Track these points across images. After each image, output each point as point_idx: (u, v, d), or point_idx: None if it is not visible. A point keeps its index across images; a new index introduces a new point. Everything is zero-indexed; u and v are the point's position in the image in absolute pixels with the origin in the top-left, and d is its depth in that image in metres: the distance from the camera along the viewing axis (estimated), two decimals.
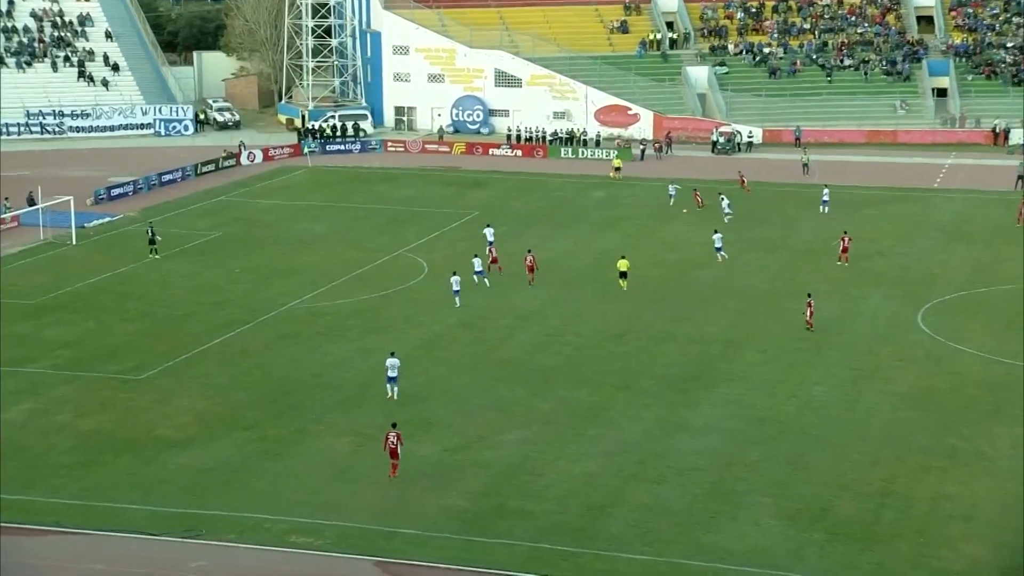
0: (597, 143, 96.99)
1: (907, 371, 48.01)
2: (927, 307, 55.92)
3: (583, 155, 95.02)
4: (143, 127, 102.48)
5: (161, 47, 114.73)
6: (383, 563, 33.96)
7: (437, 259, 64.14)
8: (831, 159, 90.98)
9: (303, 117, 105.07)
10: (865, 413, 44.01)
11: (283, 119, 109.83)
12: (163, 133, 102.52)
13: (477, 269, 59.35)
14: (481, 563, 33.62)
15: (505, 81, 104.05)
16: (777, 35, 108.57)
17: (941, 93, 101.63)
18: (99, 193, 79.55)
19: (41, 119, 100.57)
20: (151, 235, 66.03)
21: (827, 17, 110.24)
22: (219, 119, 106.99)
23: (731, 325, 53.79)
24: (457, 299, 56.08)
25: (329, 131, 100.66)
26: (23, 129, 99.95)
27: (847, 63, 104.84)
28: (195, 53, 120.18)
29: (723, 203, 72.46)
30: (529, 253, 60.74)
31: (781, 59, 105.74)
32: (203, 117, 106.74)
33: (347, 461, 40.08)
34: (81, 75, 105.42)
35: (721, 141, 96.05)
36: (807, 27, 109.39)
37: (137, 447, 41.14)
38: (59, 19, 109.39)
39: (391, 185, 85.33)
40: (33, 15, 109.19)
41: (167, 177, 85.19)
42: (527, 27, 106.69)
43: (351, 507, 36.85)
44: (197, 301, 57.81)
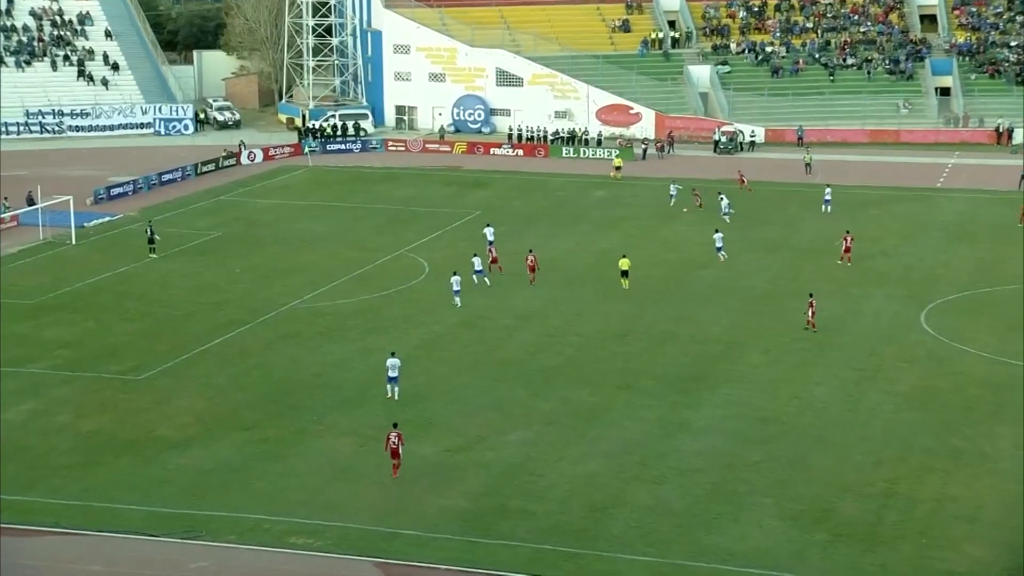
0: (599, 142, 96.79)
1: (910, 371, 47.88)
2: (930, 307, 55.77)
3: (584, 155, 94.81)
4: (143, 126, 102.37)
5: (161, 46, 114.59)
6: (384, 564, 33.88)
7: (438, 259, 63.99)
8: (834, 159, 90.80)
9: (303, 116, 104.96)
10: (867, 414, 43.88)
11: (283, 118, 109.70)
12: (163, 132, 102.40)
13: (477, 268, 59.20)
14: (482, 564, 33.53)
15: (506, 80, 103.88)
16: (779, 34, 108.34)
17: (944, 92, 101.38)
18: (99, 193, 79.44)
19: (40, 118, 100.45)
20: (150, 234, 65.94)
21: (830, 16, 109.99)
22: (219, 118, 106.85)
23: (733, 325, 53.64)
24: (457, 299, 55.93)
25: (330, 130, 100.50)
26: (22, 128, 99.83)
27: (850, 62, 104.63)
28: (195, 52, 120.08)
29: (722, 202, 72.33)
30: (530, 253, 60.58)
31: (783, 58, 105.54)
32: (203, 116, 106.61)
33: (348, 462, 39.99)
34: (81, 74, 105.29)
35: (723, 141, 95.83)
36: (810, 26, 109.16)
37: (137, 448, 41.07)
38: (59, 18, 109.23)
39: (392, 185, 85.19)
40: (32, 14, 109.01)
41: (167, 177, 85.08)
42: (528, 26, 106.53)
43: (352, 508, 36.77)
44: (197, 301, 57.69)
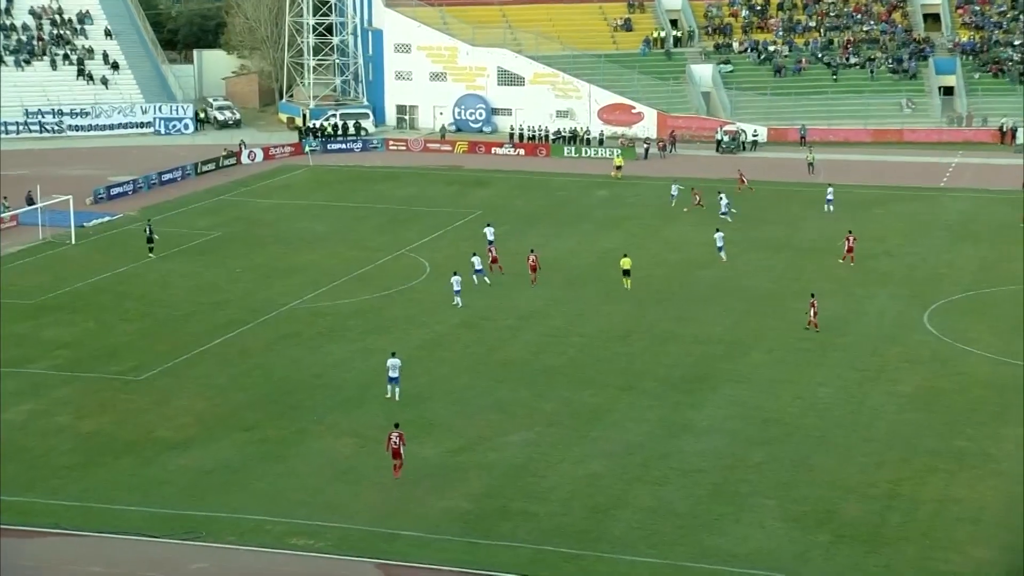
0: (600, 142, 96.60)
1: (913, 372, 47.69)
2: (933, 307, 55.58)
3: (586, 154, 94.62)
4: (143, 126, 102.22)
5: (161, 45, 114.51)
6: (384, 565, 33.75)
7: (439, 259, 63.81)
8: (836, 158, 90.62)
9: (304, 116, 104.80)
10: (870, 414, 43.70)
11: (284, 118, 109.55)
12: (163, 132, 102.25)
13: (477, 268, 59.01)
14: (484, 565, 33.39)
15: (508, 79, 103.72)
16: (782, 33, 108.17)
17: (948, 91, 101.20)
18: (98, 192, 79.27)
19: (40, 118, 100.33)
20: (149, 233, 65.76)
21: (833, 15, 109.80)
22: (219, 118, 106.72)
23: (735, 325, 53.46)
24: (458, 299, 55.73)
25: (330, 130, 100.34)
26: (22, 128, 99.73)
27: (853, 61, 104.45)
28: (195, 51, 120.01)
29: (721, 202, 72.12)
30: (532, 253, 60.38)
31: (786, 57, 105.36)
32: (203, 116, 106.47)
33: (348, 462, 39.84)
34: (80, 73, 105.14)
35: (725, 140, 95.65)
36: (812, 25, 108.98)
37: (137, 448, 40.93)
38: (58, 17, 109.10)
39: (393, 184, 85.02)
40: (32, 12, 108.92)
41: (167, 176, 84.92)
42: (530, 25, 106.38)
43: (352, 509, 36.63)
44: (197, 301, 57.53)
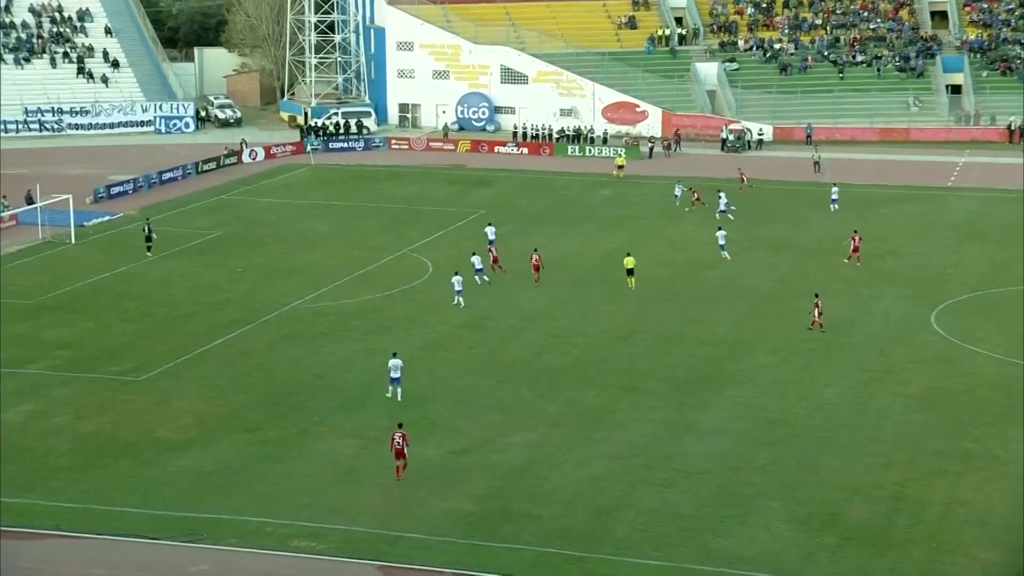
0: (604, 141, 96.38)
1: (920, 373, 47.40)
2: (940, 307, 55.27)
3: (590, 153, 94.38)
4: (143, 124, 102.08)
5: (162, 43, 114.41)
6: (387, 567, 33.56)
7: (442, 258, 63.54)
8: (843, 157, 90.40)
9: (305, 114, 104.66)
10: (877, 415, 43.42)
11: (285, 116, 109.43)
12: (163, 130, 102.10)
13: (477, 267, 58.71)
14: (487, 568, 33.18)
15: (511, 78, 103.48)
16: (788, 31, 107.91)
17: (955, 90, 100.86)
18: (98, 191, 79.06)
19: (40, 116, 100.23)
20: (147, 233, 65.48)
21: (839, 12, 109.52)
22: (220, 116, 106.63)
23: (740, 325, 53.18)
24: (460, 299, 55.41)
25: (332, 128, 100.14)
26: (21, 126, 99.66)
27: (859, 59, 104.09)
28: (196, 49, 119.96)
29: (721, 201, 71.81)
30: (535, 252, 60.08)
31: (792, 55, 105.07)
32: (204, 114, 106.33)
33: (350, 463, 39.61)
34: (80, 71, 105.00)
35: (731, 139, 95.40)
36: (818, 22, 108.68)
37: (137, 449, 40.72)
38: (58, 14, 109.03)
39: (395, 183, 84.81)
40: (32, 10, 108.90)
41: (167, 175, 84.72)
42: (533, 23, 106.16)
43: (354, 510, 36.41)
44: (197, 301, 57.29)
